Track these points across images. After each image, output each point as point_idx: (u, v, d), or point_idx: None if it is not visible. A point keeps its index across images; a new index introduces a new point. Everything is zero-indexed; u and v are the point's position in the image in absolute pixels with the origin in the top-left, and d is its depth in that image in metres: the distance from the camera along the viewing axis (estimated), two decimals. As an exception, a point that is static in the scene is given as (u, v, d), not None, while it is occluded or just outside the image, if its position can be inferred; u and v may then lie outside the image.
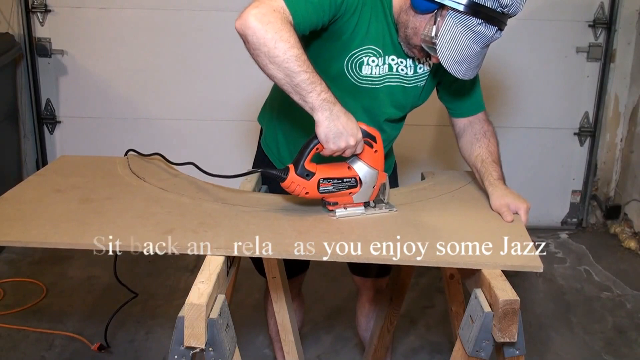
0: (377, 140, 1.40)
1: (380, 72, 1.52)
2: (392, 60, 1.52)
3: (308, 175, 1.36)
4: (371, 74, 1.51)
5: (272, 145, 1.76)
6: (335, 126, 1.31)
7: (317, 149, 1.34)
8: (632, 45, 3.36)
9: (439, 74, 1.60)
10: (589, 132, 3.48)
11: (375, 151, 1.40)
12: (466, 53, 1.37)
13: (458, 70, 1.39)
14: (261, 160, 1.79)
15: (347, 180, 1.40)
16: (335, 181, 1.39)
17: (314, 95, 1.30)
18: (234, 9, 3.48)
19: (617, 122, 3.52)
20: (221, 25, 3.27)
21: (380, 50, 1.49)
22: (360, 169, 1.41)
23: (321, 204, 1.45)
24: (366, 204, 1.44)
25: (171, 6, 3.23)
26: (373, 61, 1.50)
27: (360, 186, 1.41)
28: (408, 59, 1.53)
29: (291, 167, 1.35)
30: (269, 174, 1.38)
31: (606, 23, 3.29)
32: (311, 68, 1.30)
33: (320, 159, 1.39)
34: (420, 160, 3.49)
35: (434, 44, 1.37)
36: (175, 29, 3.28)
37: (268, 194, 1.64)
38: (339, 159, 1.41)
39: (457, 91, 1.65)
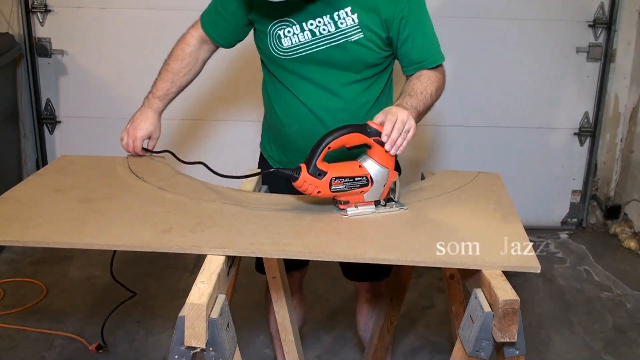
0: None
1: (304, 39, 1.55)
2: (311, 24, 1.53)
3: (320, 174, 1.36)
4: (292, 43, 1.56)
5: (268, 148, 1.80)
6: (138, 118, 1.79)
7: (328, 147, 1.35)
8: (632, 45, 3.36)
9: (375, 26, 1.54)
10: (589, 132, 3.48)
11: (386, 150, 1.41)
12: None
13: None
14: (262, 164, 1.81)
15: (359, 178, 1.41)
16: (347, 180, 1.39)
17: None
18: (234, 9, 3.35)
19: (617, 122, 3.52)
20: (221, 25, 3.27)
21: (292, 20, 1.53)
22: (371, 167, 1.42)
23: (331, 202, 1.45)
24: (377, 203, 1.45)
25: (171, 6, 3.23)
26: (289, 32, 1.55)
27: (372, 185, 1.42)
28: (325, 16, 1.52)
29: (303, 166, 1.35)
30: (281, 173, 1.38)
31: (606, 23, 3.29)
32: (162, 76, 1.83)
33: (331, 159, 1.40)
34: (420, 160, 3.49)
35: None
36: (175, 29, 3.26)
37: (267, 193, 1.64)
38: (350, 158, 1.42)
39: (406, 47, 1.57)
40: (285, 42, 1.55)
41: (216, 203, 1.46)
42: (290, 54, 1.56)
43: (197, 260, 3.01)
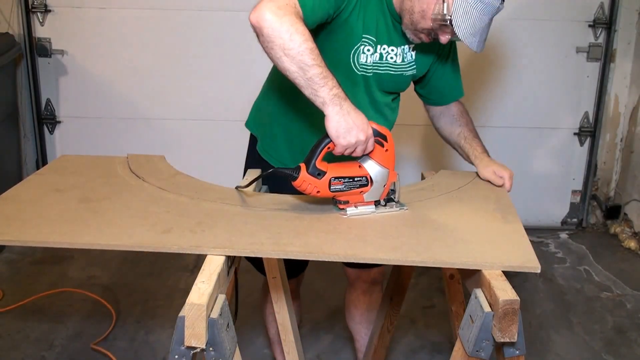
0: (387, 139, 1.41)
1: (372, 60, 1.58)
2: (383, 49, 1.58)
3: (319, 174, 1.36)
4: (366, 62, 1.57)
5: (271, 150, 1.76)
6: (346, 121, 1.33)
7: (328, 147, 1.35)
8: (632, 45, 3.36)
9: (424, 66, 1.69)
10: (589, 132, 3.48)
11: (386, 150, 1.42)
12: (478, 25, 1.45)
13: (472, 42, 1.47)
14: (259, 166, 1.78)
15: (358, 179, 1.41)
16: (346, 180, 1.39)
17: (326, 90, 1.32)
18: (234, 9, 3.50)
19: (617, 122, 3.52)
20: (221, 25, 3.27)
21: (375, 39, 1.55)
22: (371, 168, 1.42)
23: (331, 202, 1.45)
24: (377, 203, 1.45)
25: (171, 6, 3.23)
26: (368, 50, 1.56)
27: (371, 185, 1.42)
28: (399, 48, 1.60)
29: (302, 166, 1.36)
30: (281, 173, 1.38)
31: (606, 23, 3.29)
32: (324, 63, 1.33)
33: (332, 159, 1.40)
34: (419, 160, 3.49)
35: (446, 21, 1.43)
36: (175, 29, 3.28)
37: (266, 193, 1.64)
38: (351, 158, 1.42)
39: (440, 82, 1.75)
40: (362, 58, 1.57)
41: (216, 203, 1.46)
42: (360, 70, 1.58)
43: (197, 260, 3.02)
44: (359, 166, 1.42)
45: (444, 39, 1.50)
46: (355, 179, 1.40)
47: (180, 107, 3.40)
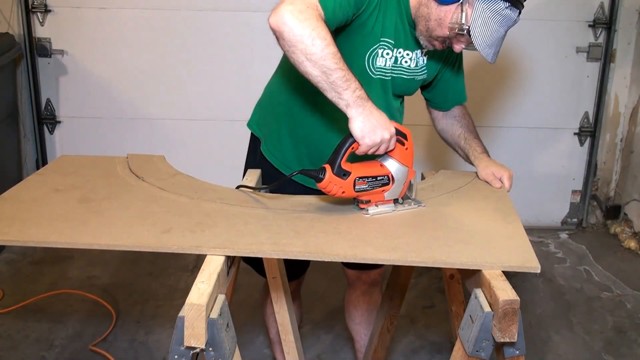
0: (407, 137, 1.43)
1: (389, 64, 1.57)
2: (399, 53, 1.57)
3: (345, 174, 1.37)
4: (384, 65, 1.56)
5: (275, 151, 1.74)
6: (370, 121, 1.34)
7: (352, 148, 1.36)
8: (632, 45, 3.36)
9: (434, 71, 1.69)
10: (589, 132, 3.48)
11: (407, 148, 1.43)
12: (495, 36, 1.46)
13: (488, 53, 1.47)
14: (262, 167, 1.77)
15: (381, 178, 1.42)
16: (370, 179, 1.41)
17: (349, 93, 1.32)
18: (234, 9, 3.50)
19: (617, 122, 3.52)
20: (221, 25, 3.27)
21: (393, 43, 1.54)
22: (392, 166, 1.43)
23: (332, 202, 1.46)
24: (395, 201, 1.47)
25: (171, 6, 3.23)
26: (387, 53, 1.55)
27: (393, 184, 1.43)
28: (413, 52, 1.59)
29: (327, 167, 1.36)
30: (306, 174, 1.38)
31: (606, 23, 3.29)
32: (346, 65, 1.33)
33: (352, 159, 1.41)
34: (419, 161, 3.49)
35: (463, 30, 1.43)
36: (175, 29, 3.28)
37: (266, 194, 1.64)
38: (370, 157, 1.43)
39: (445, 87, 1.76)
40: (379, 62, 1.56)
41: (216, 203, 1.46)
42: (376, 73, 1.57)
43: (197, 260, 3.02)
44: (381, 165, 1.43)
45: (458, 47, 1.50)
46: (378, 178, 1.42)
47: (180, 107, 3.40)
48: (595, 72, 3.38)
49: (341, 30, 1.49)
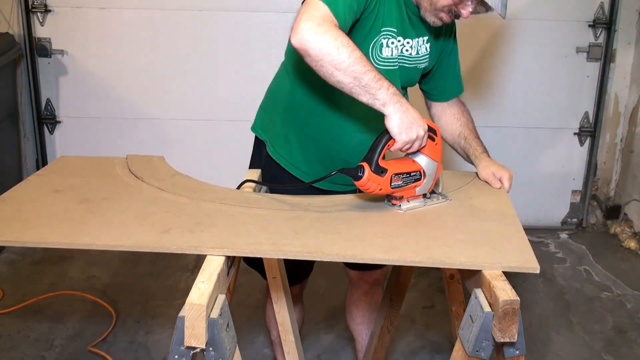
0: (437, 133, 1.45)
1: (396, 54, 1.57)
2: (399, 41, 1.57)
3: (382, 172, 1.38)
4: (391, 55, 1.56)
5: (283, 152, 1.73)
6: (407, 117, 1.35)
7: (388, 145, 1.37)
8: (632, 45, 3.36)
9: (433, 58, 1.69)
10: (589, 132, 3.48)
11: (436, 144, 1.46)
12: None
13: (497, 4, 1.45)
14: (268, 168, 1.76)
15: (414, 173, 1.44)
16: (404, 176, 1.42)
17: (383, 91, 1.34)
18: (235, 9, 3.51)
19: (617, 122, 3.52)
20: (221, 25, 3.27)
21: (395, 31, 1.54)
22: (423, 161, 1.45)
23: (331, 202, 1.46)
24: (424, 196, 1.48)
25: (171, 6, 3.23)
26: (392, 42, 1.55)
27: (424, 179, 1.45)
28: (414, 40, 1.59)
29: (365, 165, 1.37)
30: (345, 172, 1.38)
31: (606, 23, 3.29)
32: (373, 66, 1.34)
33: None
34: (420, 160, 3.49)
35: None
36: (175, 29, 3.28)
37: (265, 194, 1.64)
38: (400, 154, 1.45)
39: (443, 76, 1.76)
40: (385, 52, 1.55)
41: (215, 203, 1.46)
42: (382, 64, 1.56)
43: (197, 260, 3.02)
44: (413, 161, 1.45)
45: (465, 12, 1.49)
46: (412, 174, 1.44)
47: (180, 107, 3.40)
48: (595, 72, 3.38)
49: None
